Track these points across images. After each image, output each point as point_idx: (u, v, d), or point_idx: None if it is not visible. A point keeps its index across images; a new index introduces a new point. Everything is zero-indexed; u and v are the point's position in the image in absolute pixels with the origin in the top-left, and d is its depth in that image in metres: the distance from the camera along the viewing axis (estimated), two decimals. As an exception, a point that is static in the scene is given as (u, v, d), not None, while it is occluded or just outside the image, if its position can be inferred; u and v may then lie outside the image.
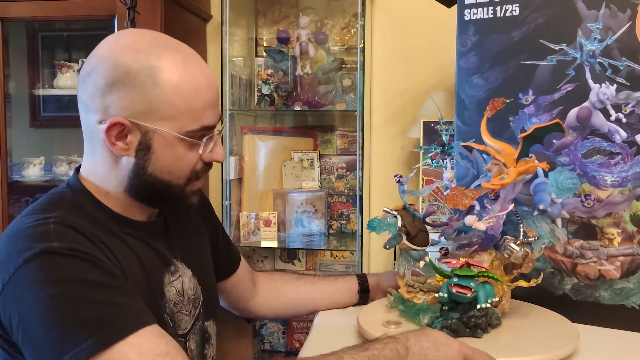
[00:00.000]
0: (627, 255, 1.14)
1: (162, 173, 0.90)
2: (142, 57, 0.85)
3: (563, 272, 1.20)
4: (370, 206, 2.18)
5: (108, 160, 0.90)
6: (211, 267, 1.12)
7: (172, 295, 0.95)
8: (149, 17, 1.82)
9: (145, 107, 0.85)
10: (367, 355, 0.79)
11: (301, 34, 2.07)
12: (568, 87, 1.17)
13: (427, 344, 0.83)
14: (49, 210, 0.84)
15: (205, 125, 0.90)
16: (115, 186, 0.92)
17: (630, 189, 1.13)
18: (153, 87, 0.85)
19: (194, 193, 0.96)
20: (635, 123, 1.12)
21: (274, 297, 1.26)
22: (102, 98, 0.86)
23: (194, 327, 1.00)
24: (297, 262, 2.29)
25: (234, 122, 2.11)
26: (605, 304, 1.16)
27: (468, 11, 1.27)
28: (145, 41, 0.88)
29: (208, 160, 0.94)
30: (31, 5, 1.92)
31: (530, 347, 0.99)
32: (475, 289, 0.98)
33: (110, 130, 0.86)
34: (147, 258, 0.92)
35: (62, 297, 0.74)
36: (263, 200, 2.20)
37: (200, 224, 1.13)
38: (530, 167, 1.05)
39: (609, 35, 1.13)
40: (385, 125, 2.17)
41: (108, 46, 0.88)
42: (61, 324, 0.73)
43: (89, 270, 0.77)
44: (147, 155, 0.88)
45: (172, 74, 0.86)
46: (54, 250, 0.77)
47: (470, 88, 1.28)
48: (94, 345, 0.71)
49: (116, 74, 0.84)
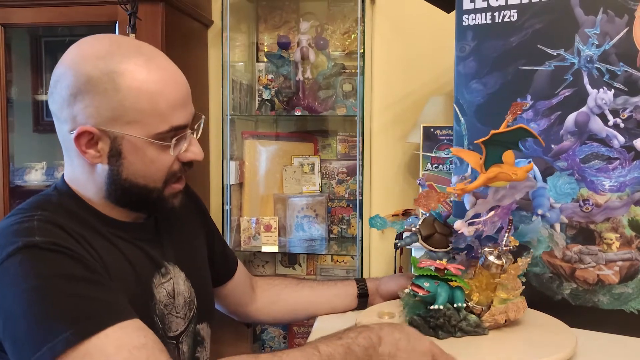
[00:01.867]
0: (625, 260, 1.14)
1: (137, 178, 0.90)
2: (102, 64, 0.85)
3: (562, 277, 1.20)
4: (370, 210, 2.19)
5: (85, 169, 0.91)
6: (207, 271, 1.12)
7: (162, 296, 0.95)
8: (150, 23, 1.83)
9: (111, 114, 0.85)
10: (341, 344, 0.80)
11: (302, 39, 2.08)
12: (566, 92, 1.18)
13: (400, 335, 0.84)
14: (35, 209, 0.85)
15: (175, 126, 0.89)
16: (95, 192, 0.92)
17: (628, 193, 1.13)
18: (115, 92, 0.84)
19: (173, 196, 0.95)
20: (633, 128, 1.13)
21: (273, 302, 1.26)
22: (69, 108, 0.86)
23: (187, 330, 1.00)
24: (297, 267, 2.29)
25: (235, 127, 2.12)
26: (604, 309, 1.16)
27: (466, 17, 1.27)
28: (104, 47, 0.87)
29: (186, 160, 0.93)
30: (33, 11, 1.93)
31: (527, 352, 0.99)
32: (430, 289, 0.99)
33: (79, 139, 0.86)
34: (136, 259, 0.92)
35: (42, 290, 0.75)
36: (264, 205, 2.21)
37: (196, 228, 1.13)
38: (500, 174, 1.01)
39: (606, 41, 1.13)
40: (386, 130, 2.18)
41: (70, 56, 0.88)
42: (40, 317, 0.73)
43: (70, 265, 0.78)
44: (119, 161, 0.88)
45: (133, 77, 0.85)
46: (36, 244, 0.77)
47: (469, 93, 1.28)
48: (71, 337, 0.72)
49: (78, 83, 0.84)
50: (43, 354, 0.71)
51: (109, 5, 1.83)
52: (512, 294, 1.05)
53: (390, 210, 2.15)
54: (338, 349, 0.79)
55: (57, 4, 1.91)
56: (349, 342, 0.81)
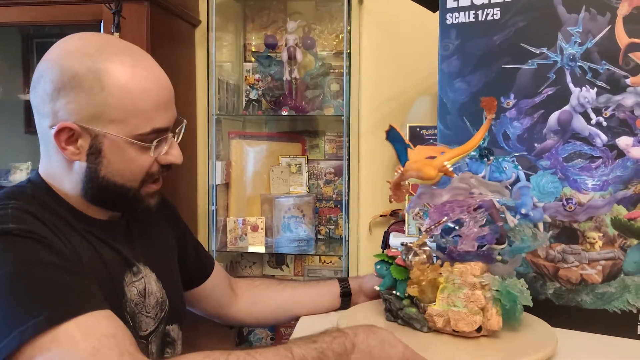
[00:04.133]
0: (608, 259, 1.14)
1: (114, 176, 0.90)
2: (88, 61, 0.85)
3: (545, 276, 1.19)
4: (358, 211, 2.18)
5: (62, 165, 0.91)
6: (177, 273, 1.11)
7: (133, 295, 0.94)
8: (135, 22, 1.82)
9: (93, 111, 0.85)
10: (314, 347, 0.80)
11: (289, 39, 2.07)
12: (549, 90, 1.17)
13: (374, 342, 0.84)
14: (8, 199, 0.85)
15: (156, 128, 0.89)
16: (71, 189, 0.92)
17: (611, 192, 1.13)
18: (100, 90, 0.85)
19: (150, 196, 0.95)
20: (615, 126, 1.12)
21: (254, 302, 1.25)
22: (52, 103, 0.86)
23: (157, 330, 0.99)
24: (285, 268, 2.28)
25: (221, 127, 2.10)
26: (587, 309, 1.16)
27: (450, 15, 1.27)
28: (92, 45, 0.88)
29: (165, 163, 0.94)
30: (18, 10, 1.91)
31: (505, 352, 0.98)
32: (379, 272, 1.13)
33: (59, 135, 0.86)
34: (108, 256, 0.92)
35: (15, 276, 0.75)
36: (250, 206, 2.19)
37: (167, 231, 1.12)
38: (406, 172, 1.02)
39: (589, 39, 1.13)
40: (375, 130, 2.17)
41: (56, 51, 0.88)
42: (12, 302, 0.74)
43: (44, 252, 0.78)
44: (98, 159, 0.88)
45: (119, 76, 0.85)
46: (10, 232, 0.78)
47: (453, 92, 1.27)
48: (40, 323, 0.71)
49: (63, 78, 0.85)
50: (13, 337, 0.71)
51: (94, 4, 1.81)
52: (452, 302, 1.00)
53: (378, 211, 2.15)
54: (311, 352, 0.79)
55: (42, 3, 1.89)
56: (323, 347, 0.80)
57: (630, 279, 1.12)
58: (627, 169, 1.11)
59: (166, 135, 0.92)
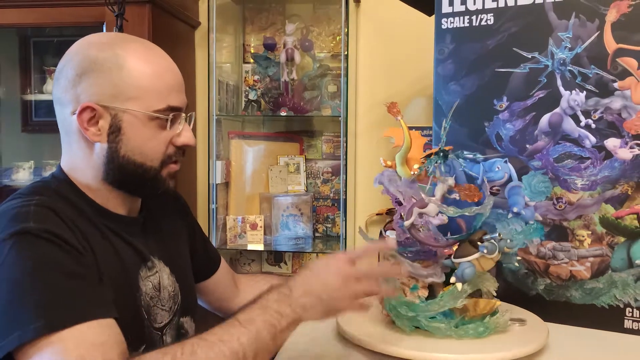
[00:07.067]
0: (596, 256, 1.18)
1: (134, 154, 0.94)
2: (107, 48, 0.93)
3: (536, 273, 1.24)
4: (355, 210, 2.22)
5: (84, 151, 0.95)
6: (189, 267, 1.15)
7: (148, 289, 0.98)
8: (137, 24, 1.85)
9: (113, 90, 0.91)
10: (257, 307, 0.85)
11: (287, 40, 2.10)
12: (540, 93, 1.22)
13: (310, 272, 0.91)
14: (33, 194, 0.89)
15: (171, 105, 0.95)
16: (93, 176, 0.96)
17: (599, 192, 1.17)
18: (118, 70, 0.91)
19: (170, 176, 1.00)
20: (603, 128, 1.17)
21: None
22: (74, 89, 0.92)
23: (171, 322, 1.03)
24: (283, 265, 2.31)
25: (221, 127, 2.14)
26: (577, 304, 1.20)
27: (445, 20, 1.31)
28: (109, 37, 0.98)
29: (179, 144, 0.98)
30: (19, 12, 1.93)
31: (498, 343, 1.02)
32: None
33: (82, 115, 0.91)
34: (124, 252, 0.96)
35: (25, 280, 0.78)
36: (250, 204, 2.23)
37: (179, 226, 1.16)
38: None
39: (578, 44, 1.17)
40: (371, 130, 2.21)
41: (77, 45, 0.96)
42: (19, 303, 0.77)
43: (58, 256, 0.81)
44: (118, 137, 0.93)
45: (135, 58, 0.93)
46: (29, 231, 0.81)
47: (447, 94, 1.31)
48: (41, 327, 0.75)
49: (84, 64, 0.92)
50: (13, 338, 0.74)
51: (96, 6, 1.84)
52: None
53: (374, 210, 2.18)
54: (255, 311, 0.84)
55: (44, 5, 1.91)
56: (263, 303, 0.85)
57: (618, 275, 1.16)
58: (614, 169, 1.16)
59: (180, 115, 0.98)
